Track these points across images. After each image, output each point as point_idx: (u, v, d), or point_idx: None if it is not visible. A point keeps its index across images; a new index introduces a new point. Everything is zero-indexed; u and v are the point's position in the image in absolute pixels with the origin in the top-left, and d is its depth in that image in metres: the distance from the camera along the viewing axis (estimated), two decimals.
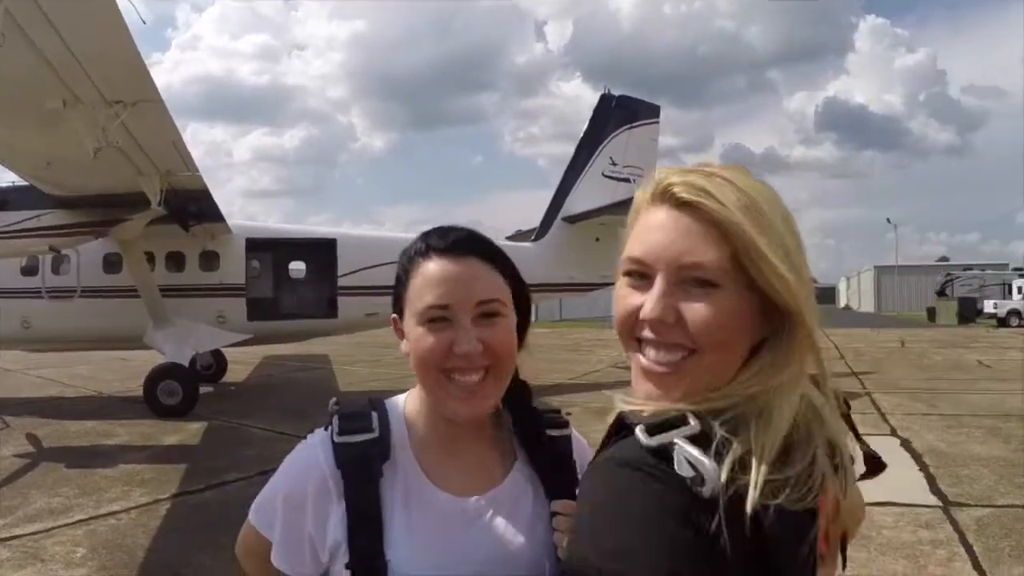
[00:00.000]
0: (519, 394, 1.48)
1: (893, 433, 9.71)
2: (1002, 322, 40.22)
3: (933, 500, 6.77)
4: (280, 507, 1.38)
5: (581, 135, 17.76)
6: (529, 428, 1.48)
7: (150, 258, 13.74)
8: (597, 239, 16.21)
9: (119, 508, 6.91)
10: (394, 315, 1.43)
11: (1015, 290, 42.41)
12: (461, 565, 1.31)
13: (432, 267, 1.34)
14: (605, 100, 17.69)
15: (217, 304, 14.18)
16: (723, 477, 0.94)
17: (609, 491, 1.00)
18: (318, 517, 1.33)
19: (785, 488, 0.96)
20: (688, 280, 1.07)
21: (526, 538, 1.36)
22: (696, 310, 1.06)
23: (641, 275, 1.11)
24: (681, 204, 1.09)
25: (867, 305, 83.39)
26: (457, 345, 1.30)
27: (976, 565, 5.23)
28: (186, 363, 12.69)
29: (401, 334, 1.40)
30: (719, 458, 0.96)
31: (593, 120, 17.64)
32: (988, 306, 43.05)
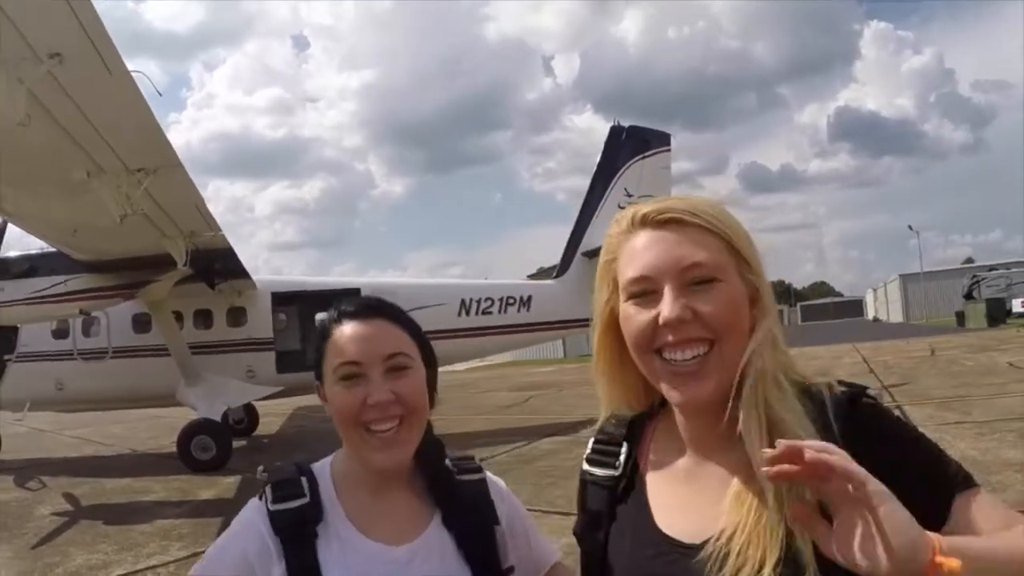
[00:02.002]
0: (434, 452, 1.64)
1: None
2: None
3: None
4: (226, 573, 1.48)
5: (595, 169, 17.75)
6: (442, 482, 1.62)
7: (178, 317, 13.95)
8: None
9: (157, 563, 7.01)
10: (316, 382, 1.57)
11: None
12: None
13: (344, 329, 1.51)
14: (615, 132, 17.68)
15: (246, 359, 14.36)
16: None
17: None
18: None
19: None
20: (692, 281, 1.25)
21: None
22: (707, 302, 1.24)
23: (644, 293, 1.29)
24: (661, 224, 1.30)
25: (895, 315, 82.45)
26: (370, 396, 1.45)
27: None
28: (218, 418, 12.82)
29: (324, 398, 1.55)
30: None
31: (605, 153, 17.62)
32: (1017, 305, 42.29)
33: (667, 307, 1.24)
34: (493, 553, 1.57)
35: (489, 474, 1.70)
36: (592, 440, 1.54)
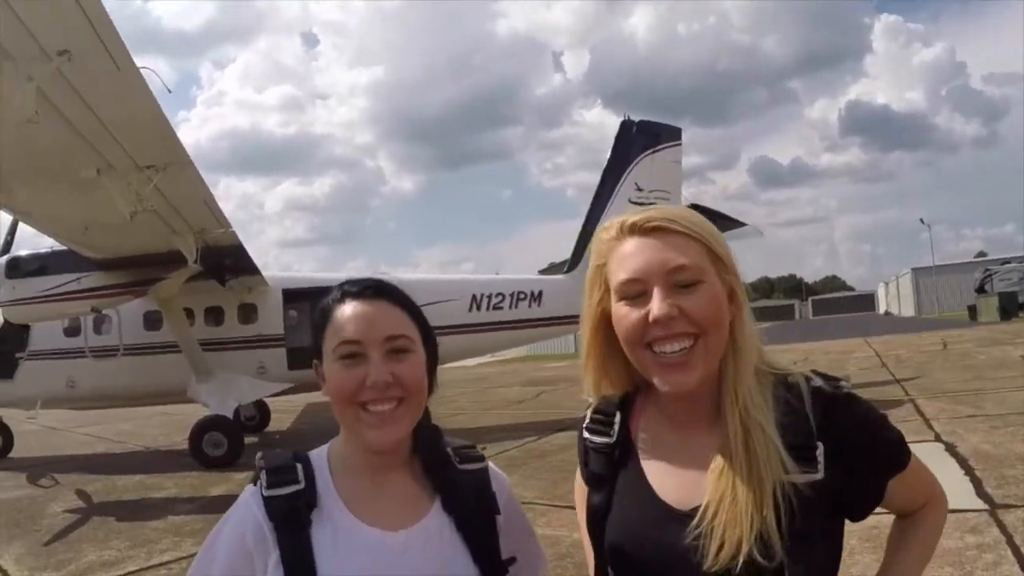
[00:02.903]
0: (431, 437, 1.63)
1: (937, 439, 9.50)
2: None
3: (979, 504, 6.59)
4: (223, 562, 1.48)
5: (605, 163, 17.58)
6: (441, 468, 1.59)
7: (189, 314, 13.99)
8: None
9: (170, 559, 7.02)
10: (315, 361, 1.55)
11: None
12: None
13: (346, 309, 1.50)
14: (626, 126, 17.51)
15: (257, 355, 14.38)
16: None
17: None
18: (261, 565, 1.43)
19: None
20: (677, 282, 1.39)
21: (456, 569, 1.50)
22: (692, 301, 1.38)
23: (635, 295, 1.42)
24: (648, 231, 1.44)
25: (907, 309, 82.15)
26: (369, 377, 1.44)
27: None
28: (230, 415, 12.85)
29: (322, 377, 1.53)
30: None
31: (615, 147, 17.47)
32: None
33: (656, 306, 1.38)
34: (494, 541, 1.56)
35: (492, 464, 1.68)
36: (590, 410, 1.67)
